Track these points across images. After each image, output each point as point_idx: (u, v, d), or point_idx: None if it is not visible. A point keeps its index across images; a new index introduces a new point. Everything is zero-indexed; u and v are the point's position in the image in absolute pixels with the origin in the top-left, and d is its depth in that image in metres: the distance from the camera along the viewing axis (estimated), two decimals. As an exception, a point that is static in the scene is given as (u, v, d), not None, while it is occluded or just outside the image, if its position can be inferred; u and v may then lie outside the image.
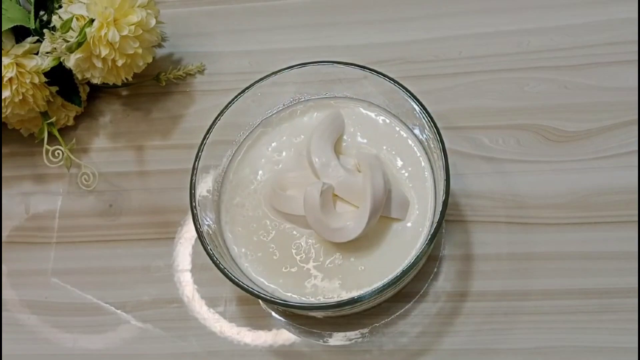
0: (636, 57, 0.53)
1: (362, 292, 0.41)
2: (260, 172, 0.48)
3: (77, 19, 0.51)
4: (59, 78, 0.54)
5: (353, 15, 0.60)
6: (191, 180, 0.45)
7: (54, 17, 0.52)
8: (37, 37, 0.53)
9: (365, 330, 0.48)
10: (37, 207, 0.56)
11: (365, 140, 0.47)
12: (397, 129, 0.48)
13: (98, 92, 0.60)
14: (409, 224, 0.45)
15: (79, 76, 0.53)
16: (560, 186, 0.50)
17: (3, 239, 0.55)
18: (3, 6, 0.52)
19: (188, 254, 0.52)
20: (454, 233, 0.46)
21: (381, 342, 0.47)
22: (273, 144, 0.49)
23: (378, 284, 0.41)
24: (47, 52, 0.51)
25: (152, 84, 0.58)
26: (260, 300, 0.48)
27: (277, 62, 0.50)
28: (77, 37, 0.50)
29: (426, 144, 0.46)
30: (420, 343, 0.47)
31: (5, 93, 0.51)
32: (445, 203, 0.42)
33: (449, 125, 0.46)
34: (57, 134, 0.54)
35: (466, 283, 0.48)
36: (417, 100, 0.45)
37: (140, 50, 0.52)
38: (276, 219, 0.46)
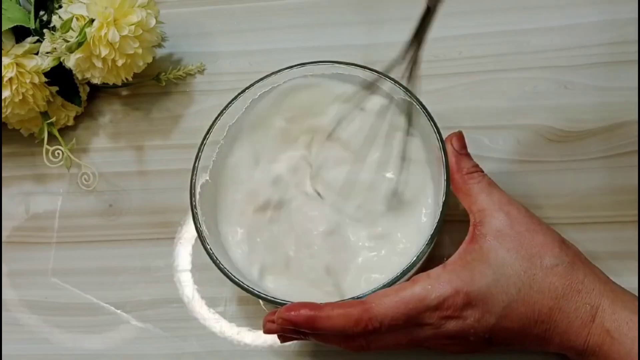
0: (636, 57, 0.53)
1: (362, 292, 0.41)
2: (260, 171, 0.48)
3: (77, 19, 0.51)
4: (59, 78, 0.54)
5: (353, 15, 0.60)
6: (191, 180, 0.45)
7: (54, 17, 0.53)
8: (37, 37, 0.53)
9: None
10: (37, 207, 0.56)
11: (364, 140, 0.47)
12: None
13: (98, 92, 0.60)
14: (409, 224, 0.45)
15: (79, 76, 0.53)
16: (560, 186, 0.50)
17: (3, 239, 0.55)
18: (3, 6, 0.52)
19: (188, 254, 0.52)
20: (454, 233, 0.46)
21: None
22: (272, 145, 0.49)
23: (378, 284, 0.40)
24: (47, 52, 0.51)
25: (152, 84, 0.58)
26: (260, 300, 0.48)
27: (277, 62, 0.50)
28: (77, 37, 0.50)
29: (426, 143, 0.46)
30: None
31: (5, 93, 0.51)
32: (445, 203, 0.42)
33: (449, 125, 0.46)
34: (57, 134, 0.54)
35: (466, 283, 0.48)
36: (418, 100, 0.45)
37: (140, 50, 0.52)
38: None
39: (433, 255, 0.46)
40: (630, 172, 0.49)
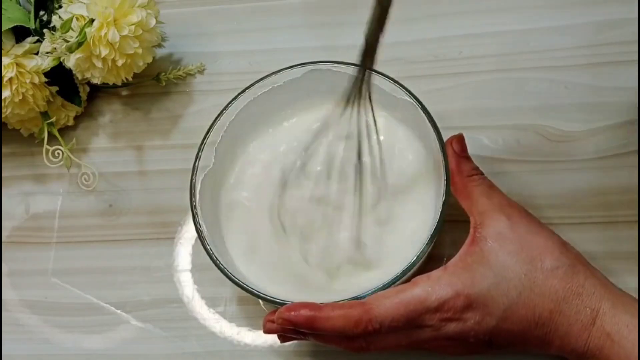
0: (636, 57, 0.53)
1: (362, 292, 0.41)
2: (260, 171, 0.49)
3: (77, 19, 0.51)
4: (59, 78, 0.54)
5: (353, 15, 0.59)
6: (191, 180, 0.45)
7: (54, 17, 0.53)
8: (37, 37, 0.53)
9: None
10: (37, 207, 0.56)
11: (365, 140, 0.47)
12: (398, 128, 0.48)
13: (98, 92, 0.60)
14: (409, 224, 0.45)
15: (79, 76, 0.53)
16: (560, 186, 0.50)
17: (3, 239, 0.55)
18: (3, 6, 0.52)
19: (188, 254, 0.52)
20: (454, 233, 0.46)
21: (381, 342, 0.47)
22: (272, 144, 0.49)
23: (378, 284, 0.41)
24: (47, 52, 0.51)
25: (152, 84, 0.58)
26: (260, 300, 0.48)
27: (277, 62, 0.50)
28: (77, 37, 0.50)
29: (426, 143, 0.46)
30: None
31: (5, 93, 0.51)
32: (445, 203, 0.42)
33: (449, 125, 0.46)
34: (57, 134, 0.54)
35: (466, 283, 0.48)
36: (417, 100, 0.45)
37: (140, 50, 0.52)
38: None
39: (433, 255, 0.46)
40: (630, 172, 0.49)
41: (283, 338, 0.42)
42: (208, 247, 0.43)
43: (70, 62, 0.51)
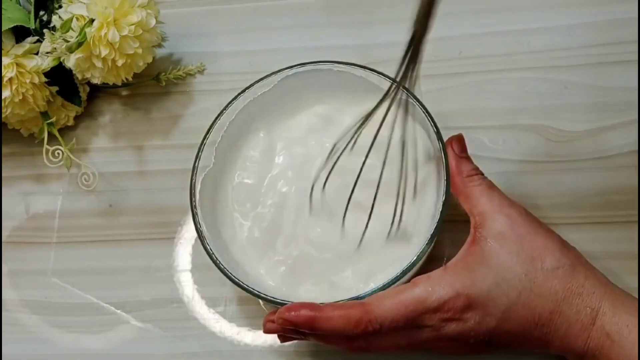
0: (636, 57, 0.53)
1: (362, 292, 0.41)
2: (260, 171, 0.49)
3: (77, 19, 0.51)
4: (59, 78, 0.54)
5: (353, 15, 0.60)
6: (191, 180, 0.45)
7: (54, 17, 0.53)
8: (37, 37, 0.53)
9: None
10: (37, 207, 0.56)
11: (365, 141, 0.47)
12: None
13: (98, 92, 0.60)
14: (409, 224, 0.45)
15: (79, 76, 0.53)
16: (560, 186, 0.50)
17: (3, 239, 0.55)
18: (3, 6, 0.52)
19: (188, 254, 0.52)
20: (454, 233, 0.46)
21: (381, 342, 0.47)
22: (272, 144, 0.49)
23: (378, 284, 0.40)
24: (47, 52, 0.51)
25: (152, 84, 0.58)
26: (260, 300, 0.48)
27: (277, 62, 0.50)
28: (77, 37, 0.50)
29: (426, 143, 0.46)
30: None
31: (5, 93, 0.51)
32: (445, 203, 0.42)
33: (449, 125, 0.46)
34: (57, 134, 0.54)
35: (466, 283, 0.48)
36: (418, 100, 0.45)
37: (140, 50, 0.52)
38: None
39: (433, 255, 0.46)
40: (629, 172, 0.49)
41: (283, 338, 0.42)
42: (208, 247, 0.43)
43: (70, 62, 0.51)
